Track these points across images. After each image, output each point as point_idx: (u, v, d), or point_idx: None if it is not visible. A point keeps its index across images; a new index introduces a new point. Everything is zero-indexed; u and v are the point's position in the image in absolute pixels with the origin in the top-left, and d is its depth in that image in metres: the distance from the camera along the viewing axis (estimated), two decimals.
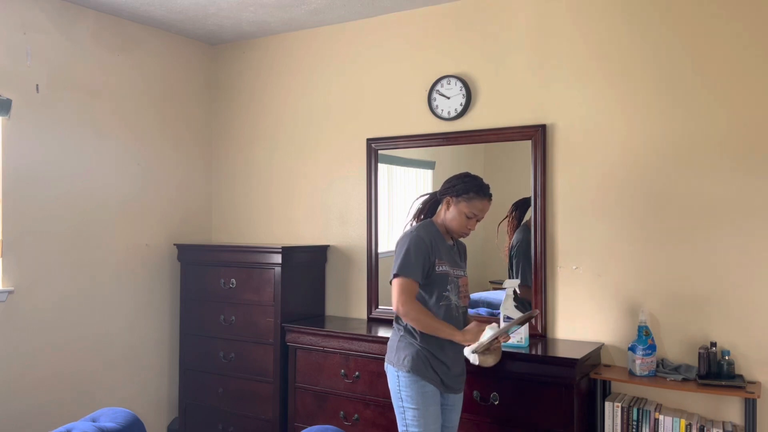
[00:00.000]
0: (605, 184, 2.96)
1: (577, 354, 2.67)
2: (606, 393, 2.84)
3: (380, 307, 3.55)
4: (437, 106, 3.37)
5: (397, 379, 2.44)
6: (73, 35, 3.44)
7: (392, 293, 2.43)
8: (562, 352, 2.73)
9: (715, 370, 2.59)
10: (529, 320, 2.56)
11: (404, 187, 3.59)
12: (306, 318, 3.61)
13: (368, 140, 3.61)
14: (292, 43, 3.93)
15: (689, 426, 2.56)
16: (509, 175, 3.21)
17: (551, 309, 3.07)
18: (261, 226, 4.06)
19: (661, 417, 2.61)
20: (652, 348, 2.68)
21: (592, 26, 3.00)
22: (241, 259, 3.61)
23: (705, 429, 2.55)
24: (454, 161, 3.37)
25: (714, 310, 2.73)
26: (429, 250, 2.44)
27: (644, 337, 2.68)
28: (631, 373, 2.70)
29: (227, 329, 3.65)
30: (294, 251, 3.55)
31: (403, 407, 2.43)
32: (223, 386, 3.67)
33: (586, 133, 3.01)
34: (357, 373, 3.12)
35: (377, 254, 3.59)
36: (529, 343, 2.84)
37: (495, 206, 2.64)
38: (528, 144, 3.11)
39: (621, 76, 2.93)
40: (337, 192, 3.76)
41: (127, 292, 3.72)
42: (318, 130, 3.83)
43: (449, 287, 2.48)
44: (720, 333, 2.71)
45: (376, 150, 3.59)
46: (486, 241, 3.22)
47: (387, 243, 3.58)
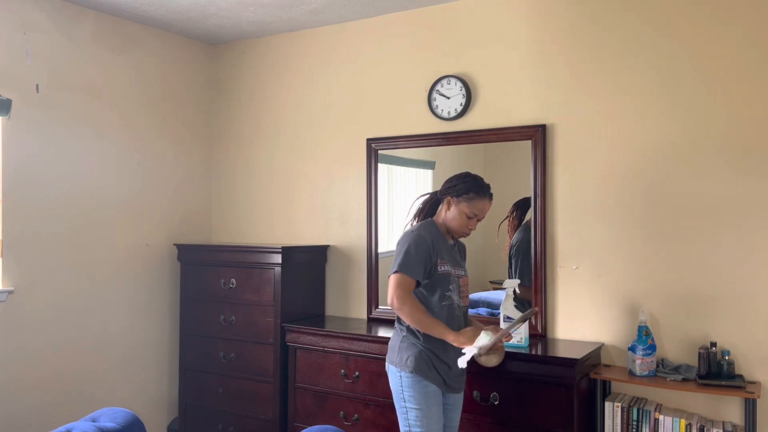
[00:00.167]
0: (605, 184, 2.97)
1: (577, 354, 2.67)
2: (606, 393, 2.84)
3: (380, 307, 3.56)
4: (437, 106, 3.37)
5: (400, 380, 2.44)
6: (73, 35, 3.44)
7: (388, 288, 2.43)
8: (562, 352, 2.73)
9: (715, 370, 2.59)
10: (529, 318, 2.56)
11: (404, 187, 3.59)
12: (306, 318, 3.61)
13: (368, 140, 3.61)
14: (292, 43, 3.93)
15: (689, 426, 2.57)
16: (509, 175, 3.22)
17: (551, 309, 3.07)
18: (261, 226, 4.06)
19: (661, 417, 2.62)
20: (652, 348, 2.68)
21: (592, 26, 3.00)
22: (241, 259, 3.61)
23: (705, 429, 2.55)
24: (454, 161, 3.37)
25: (714, 310, 2.73)
26: (430, 250, 2.44)
27: (644, 337, 2.69)
28: (631, 373, 2.70)
29: (227, 329, 3.65)
30: (294, 251, 3.55)
31: (406, 407, 2.43)
32: (223, 386, 3.67)
33: (586, 133, 3.01)
34: (357, 373, 3.12)
35: (377, 254, 3.59)
36: (529, 343, 2.85)
37: (495, 206, 2.65)
38: (528, 144, 3.11)
39: (621, 76, 2.93)
40: (337, 192, 3.76)
41: (127, 292, 3.72)
42: (318, 130, 3.83)
43: (451, 287, 2.49)
44: (720, 333, 2.71)
45: (376, 150, 3.59)
46: (486, 241, 3.22)
47: (387, 243, 3.58)
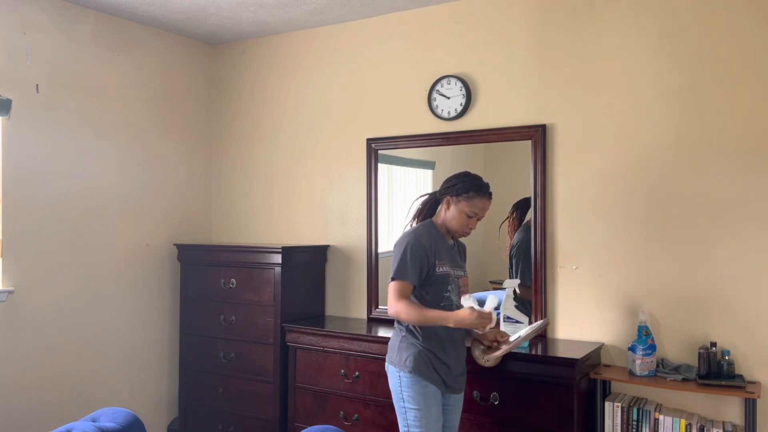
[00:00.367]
0: (605, 184, 2.96)
1: (577, 354, 2.67)
2: (606, 393, 2.84)
3: (380, 307, 3.55)
4: (437, 106, 3.37)
5: (399, 380, 2.44)
6: (73, 35, 3.44)
7: (388, 297, 2.46)
8: (562, 352, 2.73)
9: (715, 370, 2.59)
10: (542, 330, 2.56)
11: (404, 187, 3.59)
12: (306, 318, 3.61)
13: (368, 140, 3.61)
14: (292, 43, 3.93)
15: (689, 426, 2.56)
16: (509, 175, 3.21)
17: (551, 309, 3.07)
18: (261, 226, 4.06)
19: (661, 417, 2.61)
20: (652, 348, 2.68)
21: (592, 26, 3.00)
22: (241, 259, 3.61)
23: (705, 429, 2.55)
24: (454, 161, 3.37)
25: (714, 310, 2.73)
26: (427, 252, 2.44)
27: (644, 337, 2.68)
28: (631, 373, 2.70)
29: (227, 329, 3.65)
30: (294, 251, 3.55)
31: (405, 408, 2.42)
32: (223, 386, 3.67)
33: (586, 133, 3.01)
34: (357, 373, 3.12)
35: (377, 254, 3.59)
36: (529, 343, 2.84)
37: (495, 206, 2.64)
38: (528, 144, 3.11)
39: (621, 76, 2.93)
40: (337, 192, 3.76)
41: (127, 292, 3.72)
42: (318, 130, 3.83)
43: (450, 287, 2.48)
44: (720, 333, 2.71)
45: (376, 150, 3.59)
46: (486, 241, 3.22)
47: (387, 243, 3.58)
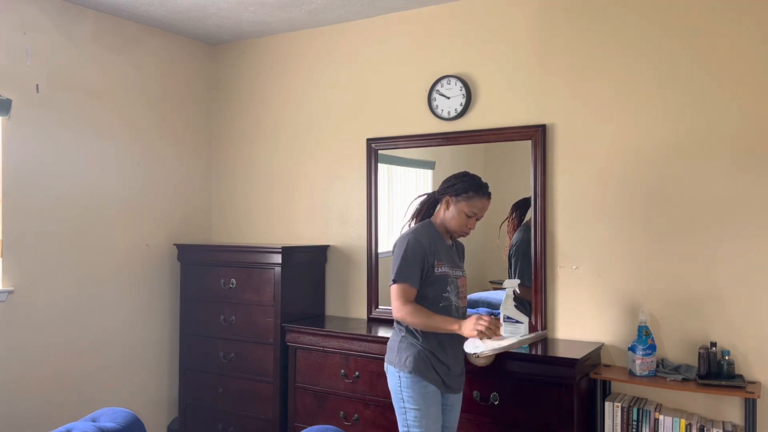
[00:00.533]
0: (605, 184, 2.96)
1: (577, 354, 2.67)
2: (606, 393, 2.83)
3: (380, 307, 3.55)
4: (437, 106, 3.37)
5: (399, 380, 2.44)
6: (73, 35, 3.44)
7: (391, 300, 2.46)
8: (562, 352, 2.73)
9: (715, 370, 2.59)
10: (538, 341, 2.56)
11: (404, 187, 3.59)
12: (306, 318, 3.61)
13: (368, 140, 3.61)
14: (292, 43, 3.93)
15: (689, 426, 2.56)
16: (509, 175, 3.21)
17: (551, 309, 3.07)
18: (261, 226, 4.06)
19: (661, 417, 2.61)
20: (652, 348, 2.68)
21: (592, 26, 3.00)
22: (241, 259, 3.61)
23: (705, 429, 2.55)
24: (454, 161, 3.37)
25: (714, 310, 2.73)
26: (426, 253, 2.44)
27: (644, 337, 2.68)
28: (631, 373, 2.70)
29: (227, 329, 3.65)
30: (294, 251, 3.55)
31: (405, 408, 2.42)
32: (223, 386, 3.67)
33: (586, 133, 3.01)
34: (357, 373, 3.12)
35: (377, 254, 3.59)
36: (529, 344, 2.84)
37: (495, 206, 2.65)
38: (528, 144, 3.11)
39: (621, 76, 2.93)
40: (337, 192, 3.76)
41: (127, 292, 3.72)
42: (318, 130, 3.83)
43: (449, 288, 2.48)
44: (720, 333, 2.71)
45: (376, 150, 3.59)
46: (486, 241, 3.22)
47: (387, 243, 3.58)
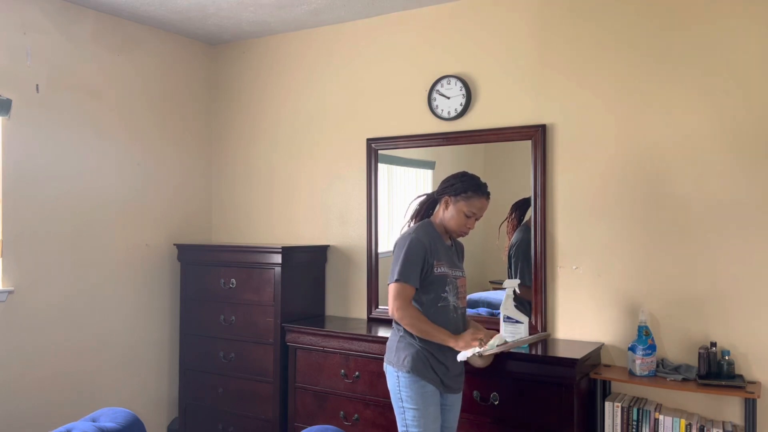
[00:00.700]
0: (605, 184, 2.96)
1: (577, 354, 2.67)
2: (606, 393, 2.83)
3: (380, 307, 3.55)
4: (437, 106, 3.37)
5: (397, 380, 2.44)
6: (73, 35, 3.44)
7: (389, 299, 2.44)
8: (562, 352, 2.73)
9: (715, 370, 2.59)
10: (540, 341, 2.56)
11: (404, 187, 3.59)
12: (306, 318, 3.61)
13: (368, 140, 3.61)
14: (292, 43, 3.93)
15: (689, 426, 2.56)
16: (509, 175, 3.21)
17: (551, 309, 3.07)
18: (261, 226, 4.06)
19: (661, 417, 2.61)
20: (652, 348, 2.68)
21: (592, 25, 3.00)
22: (241, 259, 3.61)
23: (705, 429, 2.55)
24: (454, 161, 3.37)
25: (714, 310, 2.72)
26: (426, 252, 2.44)
27: (644, 337, 2.68)
28: (631, 373, 2.70)
29: (227, 329, 3.65)
30: (294, 251, 3.55)
31: (403, 407, 2.43)
32: (223, 386, 3.67)
33: (586, 133, 3.01)
34: (357, 373, 3.12)
35: (377, 254, 3.59)
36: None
37: (495, 206, 2.65)
38: (528, 144, 3.11)
39: (621, 76, 2.93)
40: (337, 192, 3.76)
41: (127, 292, 3.72)
42: (318, 130, 3.83)
43: (448, 288, 2.48)
44: (720, 333, 2.70)
45: (376, 150, 3.59)
46: (486, 241, 3.22)
47: (387, 243, 3.58)
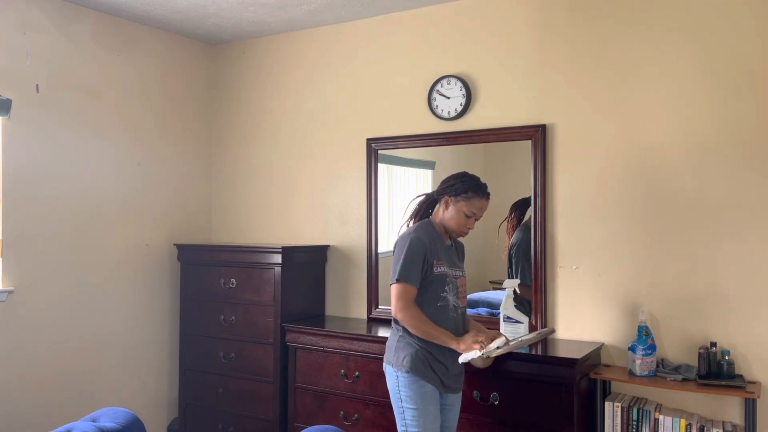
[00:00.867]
0: (605, 184, 2.96)
1: (577, 354, 2.67)
2: (606, 393, 2.83)
3: (380, 307, 3.55)
4: (437, 106, 3.37)
5: (397, 380, 2.44)
6: (73, 35, 3.44)
7: (392, 299, 2.44)
8: (562, 352, 2.73)
9: (715, 370, 2.59)
10: (545, 338, 2.56)
11: (404, 187, 3.59)
12: (306, 318, 3.61)
13: (368, 140, 3.61)
14: (292, 43, 3.93)
15: (689, 426, 2.56)
16: (509, 175, 3.21)
17: (551, 309, 3.07)
18: (261, 226, 4.06)
19: (661, 417, 2.61)
20: (652, 348, 2.68)
21: (592, 26, 3.00)
22: (241, 259, 3.61)
23: (705, 429, 2.55)
24: (454, 161, 3.37)
25: (714, 310, 2.72)
26: (427, 252, 2.44)
27: (644, 337, 2.68)
28: (631, 373, 2.70)
29: (227, 329, 3.65)
30: (294, 251, 3.55)
31: (403, 407, 2.42)
32: (223, 386, 3.67)
33: (586, 133, 3.01)
34: (357, 373, 3.12)
35: (377, 254, 3.59)
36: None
37: (495, 206, 2.65)
38: (528, 144, 3.11)
39: (621, 76, 2.93)
40: (337, 192, 3.76)
41: (127, 292, 3.72)
42: (318, 130, 3.83)
43: (447, 288, 2.48)
44: (720, 333, 2.70)
45: (376, 150, 3.59)
46: (486, 241, 3.22)
47: (387, 243, 3.58)
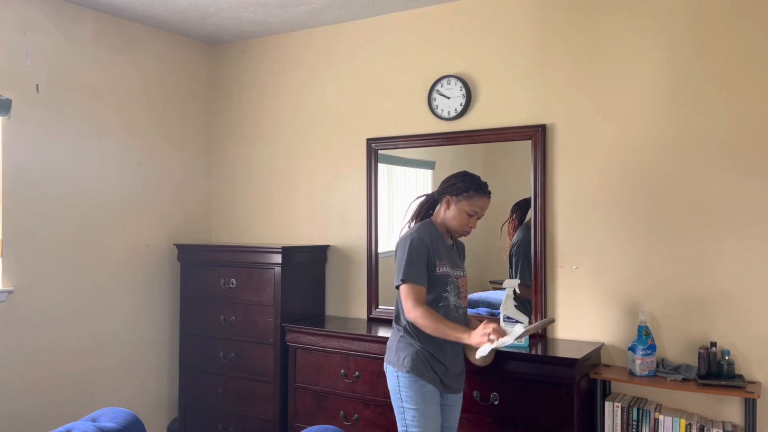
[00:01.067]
0: (605, 184, 2.96)
1: (577, 354, 2.67)
2: (606, 393, 2.83)
3: (380, 307, 3.55)
4: (437, 106, 3.37)
5: (397, 380, 2.44)
6: (73, 35, 3.44)
7: (402, 300, 2.42)
8: (562, 352, 2.73)
9: (715, 370, 2.59)
10: (546, 326, 2.56)
11: (404, 187, 3.59)
12: (306, 318, 3.61)
13: (368, 140, 3.61)
14: (292, 43, 3.93)
15: (689, 426, 2.56)
16: (509, 176, 3.21)
17: (551, 309, 3.07)
18: (261, 226, 4.06)
19: (661, 417, 2.61)
20: (652, 348, 2.68)
21: (592, 26, 3.00)
22: (241, 259, 3.61)
23: (705, 429, 2.55)
24: (454, 161, 3.37)
25: (714, 310, 2.73)
26: (429, 252, 2.44)
27: (644, 337, 2.68)
28: (631, 373, 2.70)
29: (227, 329, 3.65)
30: (294, 251, 3.55)
31: (403, 407, 2.42)
32: (223, 386, 3.67)
33: (586, 133, 3.01)
34: (357, 373, 3.12)
35: (377, 254, 3.59)
36: (529, 343, 2.84)
37: (495, 206, 2.65)
38: (528, 144, 3.11)
39: (621, 76, 2.93)
40: (337, 192, 3.76)
41: (127, 292, 3.72)
42: (318, 130, 3.83)
43: (449, 288, 2.48)
44: (720, 333, 2.71)
45: (376, 150, 3.59)
46: (487, 241, 3.22)
47: (387, 243, 3.58)
